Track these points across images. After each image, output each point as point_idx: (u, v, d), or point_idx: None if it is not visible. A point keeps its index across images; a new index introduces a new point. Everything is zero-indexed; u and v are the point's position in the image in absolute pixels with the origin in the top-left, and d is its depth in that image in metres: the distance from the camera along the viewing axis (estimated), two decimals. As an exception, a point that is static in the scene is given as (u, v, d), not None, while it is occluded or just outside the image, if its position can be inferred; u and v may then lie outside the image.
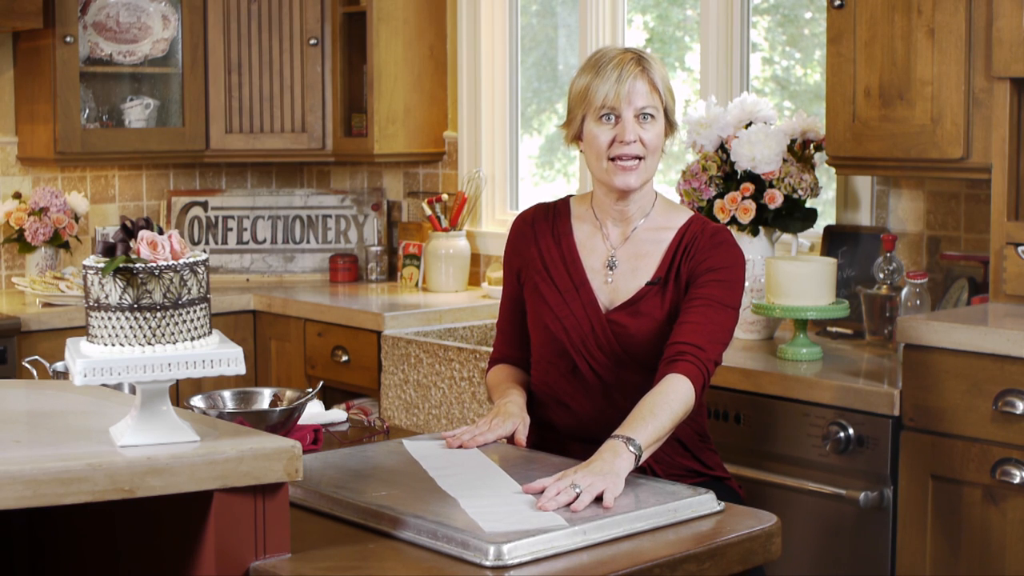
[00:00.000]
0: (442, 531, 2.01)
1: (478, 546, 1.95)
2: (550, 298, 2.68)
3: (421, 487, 2.25)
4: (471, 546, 1.96)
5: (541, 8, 4.86)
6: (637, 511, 2.13)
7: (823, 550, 3.10)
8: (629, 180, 2.62)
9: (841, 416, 3.03)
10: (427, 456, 2.44)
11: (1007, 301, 3.09)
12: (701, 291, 2.58)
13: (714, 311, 2.56)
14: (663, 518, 2.14)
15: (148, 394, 1.98)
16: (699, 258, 2.62)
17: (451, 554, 1.98)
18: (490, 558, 1.94)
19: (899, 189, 3.66)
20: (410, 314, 4.24)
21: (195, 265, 1.99)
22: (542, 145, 4.95)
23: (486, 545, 1.95)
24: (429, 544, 2.02)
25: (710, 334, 2.52)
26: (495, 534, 1.99)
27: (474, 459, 2.42)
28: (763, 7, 4.21)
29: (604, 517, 2.09)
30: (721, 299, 2.57)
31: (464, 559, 1.95)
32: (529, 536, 1.99)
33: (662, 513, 2.15)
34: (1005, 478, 2.80)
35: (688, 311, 2.57)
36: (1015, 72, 3.02)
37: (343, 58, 4.83)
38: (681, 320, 2.56)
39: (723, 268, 2.60)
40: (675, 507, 2.17)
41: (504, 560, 1.94)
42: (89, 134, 4.61)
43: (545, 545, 1.99)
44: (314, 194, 5.11)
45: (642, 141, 2.60)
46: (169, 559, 2.05)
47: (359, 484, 2.26)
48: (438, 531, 2.02)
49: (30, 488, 1.82)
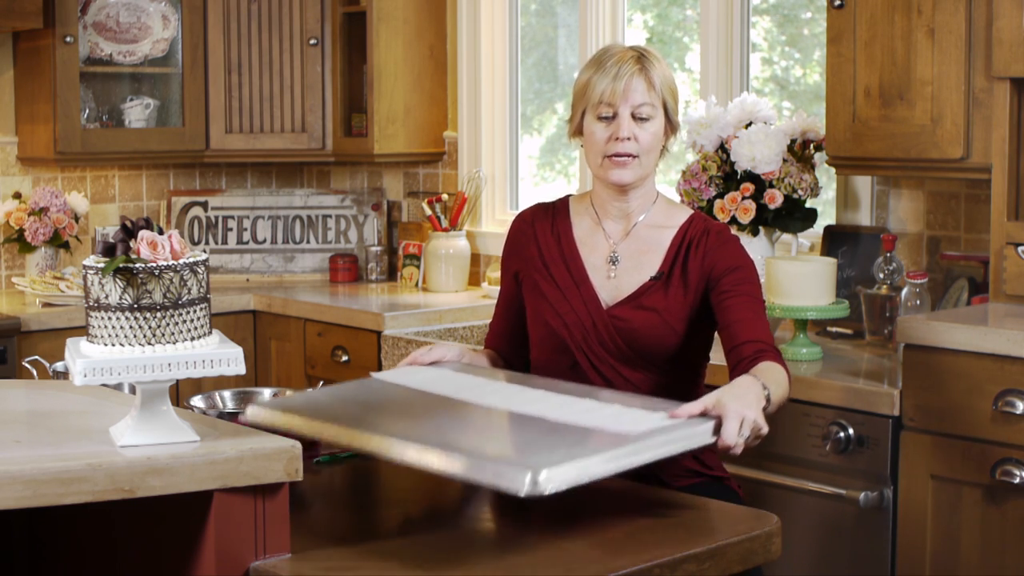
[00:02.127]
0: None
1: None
2: (550, 295, 2.69)
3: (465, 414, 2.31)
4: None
5: (541, 8, 4.86)
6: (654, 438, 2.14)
7: (823, 550, 3.10)
8: (623, 176, 2.63)
9: (841, 416, 3.03)
10: (426, 382, 2.51)
11: (1007, 301, 3.09)
12: (739, 288, 2.59)
13: (759, 306, 2.59)
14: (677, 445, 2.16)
15: (148, 394, 1.98)
16: (713, 257, 2.63)
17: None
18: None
19: (899, 189, 3.66)
20: (410, 314, 4.24)
21: (195, 265, 1.99)
22: (542, 145, 4.95)
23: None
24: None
25: (766, 329, 2.57)
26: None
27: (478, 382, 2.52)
28: (763, 7, 4.21)
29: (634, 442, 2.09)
30: (757, 296, 2.61)
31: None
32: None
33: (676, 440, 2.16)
34: (1005, 478, 2.80)
35: (736, 308, 2.57)
36: (1015, 72, 3.02)
37: (343, 58, 4.83)
38: (736, 317, 2.56)
39: (742, 267, 2.62)
40: (680, 434, 2.18)
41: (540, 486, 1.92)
42: (89, 134, 4.61)
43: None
44: (314, 194, 5.11)
45: (637, 139, 2.61)
46: (169, 559, 2.05)
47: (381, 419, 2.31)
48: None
49: (30, 488, 1.82)
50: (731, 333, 2.55)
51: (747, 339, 2.52)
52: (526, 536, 2.15)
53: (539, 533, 2.15)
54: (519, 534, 2.16)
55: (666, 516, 2.22)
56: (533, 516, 2.24)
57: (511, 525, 2.22)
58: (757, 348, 2.51)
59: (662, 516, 2.22)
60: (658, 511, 2.24)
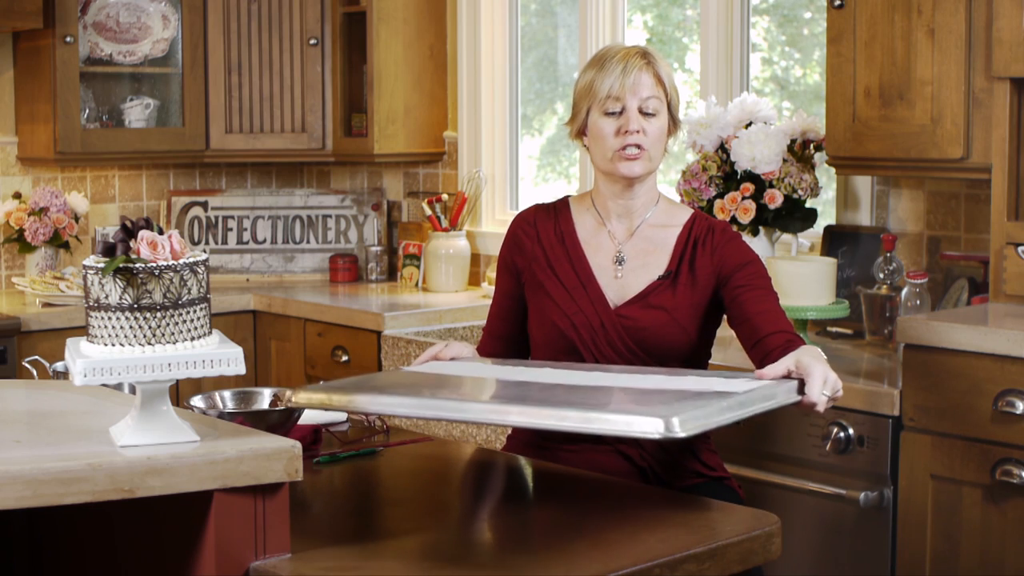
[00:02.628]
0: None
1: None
2: (556, 295, 2.69)
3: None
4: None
5: (541, 8, 4.86)
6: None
7: (823, 550, 3.10)
8: (634, 168, 2.64)
9: (841, 416, 3.03)
10: (467, 369, 2.54)
11: (1007, 301, 3.09)
12: (754, 281, 2.62)
13: (776, 298, 2.63)
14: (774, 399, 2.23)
15: (148, 394, 1.98)
16: (722, 253, 2.65)
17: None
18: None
19: (899, 189, 3.66)
20: (410, 314, 4.24)
21: (195, 265, 1.99)
22: (542, 145, 4.95)
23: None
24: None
25: (788, 320, 2.60)
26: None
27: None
28: (763, 7, 4.21)
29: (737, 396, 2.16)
30: (771, 288, 2.64)
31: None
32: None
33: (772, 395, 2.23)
34: (1005, 478, 2.80)
35: (755, 300, 2.59)
36: (1015, 72, 3.02)
37: (343, 58, 4.83)
38: (757, 309, 2.58)
39: (752, 261, 2.65)
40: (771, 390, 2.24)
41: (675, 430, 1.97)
42: (89, 134, 4.61)
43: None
44: (314, 194, 5.11)
45: (645, 132, 2.63)
46: (169, 559, 2.05)
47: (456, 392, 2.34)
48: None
49: (30, 488, 1.82)
50: (754, 325, 2.57)
51: (774, 329, 2.55)
52: (526, 536, 2.15)
53: (539, 533, 2.15)
54: (519, 534, 2.16)
55: (666, 516, 2.22)
56: (533, 516, 2.24)
57: (511, 525, 2.22)
58: (787, 338, 2.53)
59: (662, 516, 2.22)
60: (658, 511, 2.24)
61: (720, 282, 2.63)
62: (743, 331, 2.59)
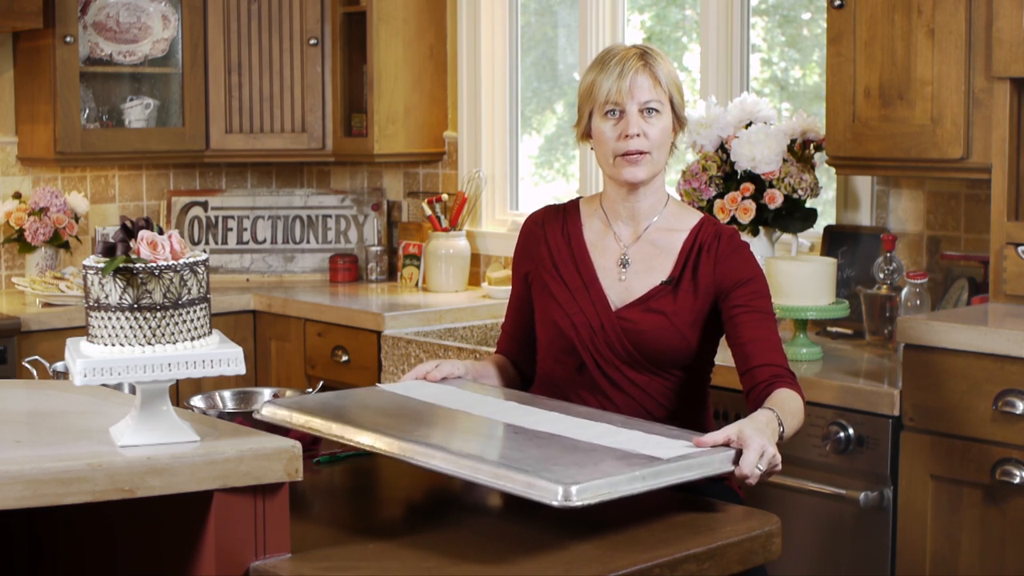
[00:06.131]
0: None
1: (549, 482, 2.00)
2: (559, 295, 2.69)
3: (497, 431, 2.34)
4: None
5: (541, 8, 4.86)
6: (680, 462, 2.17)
7: (823, 550, 3.10)
8: (637, 173, 2.63)
9: (841, 416, 3.03)
10: (438, 395, 2.53)
11: (1007, 301, 3.09)
12: (752, 303, 2.60)
13: (772, 323, 2.61)
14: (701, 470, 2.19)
15: (148, 394, 1.98)
16: (724, 265, 2.63)
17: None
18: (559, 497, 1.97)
19: (899, 189, 3.66)
20: (410, 314, 4.24)
21: (195, 265, 1.99)
22: (542, 145, 4.95)
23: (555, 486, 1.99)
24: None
25: (780, 349, 2.58)
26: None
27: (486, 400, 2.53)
28: (762, 7, 4.21)
29: (658, 465, 2.13)
30: (769, 311, 2.62)
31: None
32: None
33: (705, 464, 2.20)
34: (1005, 478, 2.80)
35: (749, 325, 2.58)
36: (1015, 72, 3.02)
37: (343, 58, 4.83)
38: (750, 336, 2.57)
39: (754, 278, 2.63)
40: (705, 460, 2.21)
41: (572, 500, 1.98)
42: (89, 134, 4.61)
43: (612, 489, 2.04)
44: (314, 194, 5.11)
45: (647, 135, 2.61)
46: (169, 559, 2.05)
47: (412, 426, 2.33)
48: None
49: (30, 488, 1.82)
50: (745, 353, 2.56)
51: (762, 362, 2.54)
52: (526, 536, 2.15)
53: (539, 533, 2.15)
54: (519, 534, 2.16)
55: (666, 516, 2.22)
56: (533, 516, 2.24)
57: (511, 525, 2.22)
58: (773, 372, 2.52)
59: (662, 516, 2.22)
60: (658, 511, 2.24)
61: (719, 295, 2.63)
62: (736, 354, 2.60)
